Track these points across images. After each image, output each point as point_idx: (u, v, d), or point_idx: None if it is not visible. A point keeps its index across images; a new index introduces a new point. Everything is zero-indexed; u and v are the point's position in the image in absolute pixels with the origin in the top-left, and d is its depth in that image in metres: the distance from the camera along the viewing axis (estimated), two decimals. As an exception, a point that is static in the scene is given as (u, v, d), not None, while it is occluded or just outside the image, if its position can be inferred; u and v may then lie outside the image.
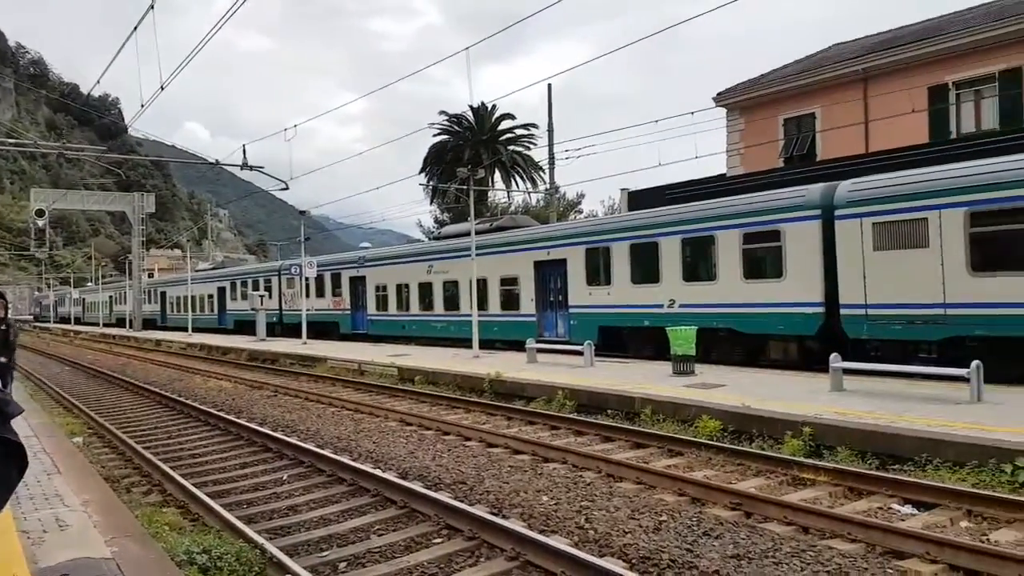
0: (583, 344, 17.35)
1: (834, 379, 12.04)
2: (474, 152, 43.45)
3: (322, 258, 34.92)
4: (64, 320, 79.45)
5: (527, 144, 47.03)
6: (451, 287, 25.90)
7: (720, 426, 10.56)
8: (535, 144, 46.17)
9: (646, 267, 18.82)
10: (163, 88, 17.38)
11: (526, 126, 47.10)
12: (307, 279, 31.69)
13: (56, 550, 4.93)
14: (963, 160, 13.32)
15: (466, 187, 22.39)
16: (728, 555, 5.93)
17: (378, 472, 8.49)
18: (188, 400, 16.14)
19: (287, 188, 22.92)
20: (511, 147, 46.71)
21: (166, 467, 9.28)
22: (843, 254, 14.46)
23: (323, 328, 32.96)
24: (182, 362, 28.25)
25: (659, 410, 11.76)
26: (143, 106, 19.22)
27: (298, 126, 22.32)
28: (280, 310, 37.51)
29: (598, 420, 11.99)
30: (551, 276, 22.09)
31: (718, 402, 11.24)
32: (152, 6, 13.97)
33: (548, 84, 34.43)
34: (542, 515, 7.12)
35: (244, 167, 24.87)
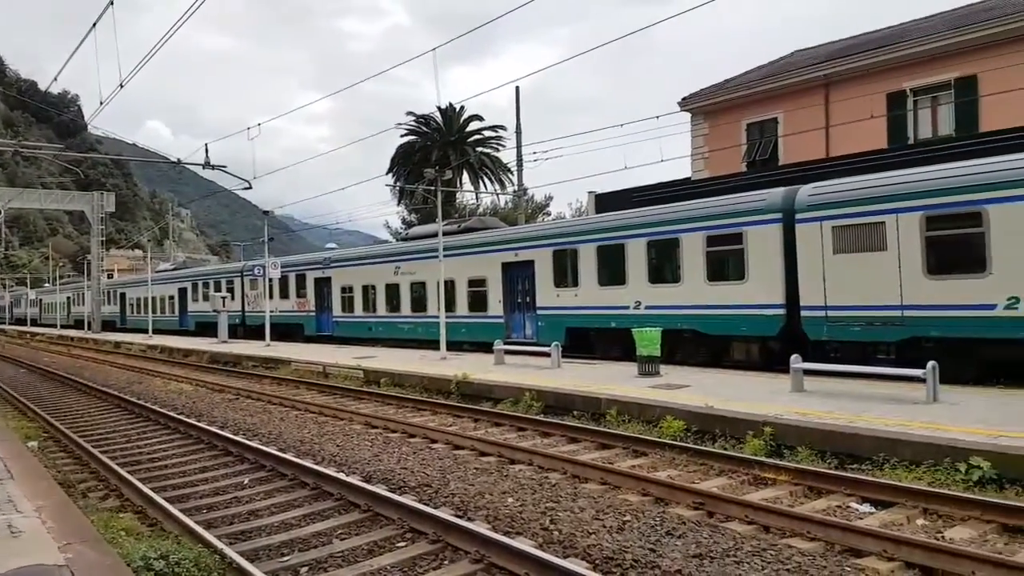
0: (551, 345, 17.41)
1: (795, 380, 12.23)
2: (442, 153, 43.35)
3: (286, 259, 34.54)
4: (20, 321, 77.65)
5: (495, 146, 47.11)
6: (418, 288, 25.79)
7: (684, 426, 10.67)
8: (503, 146, 46.29)
9: (613, 269, 18.95)
10: (122, 86, 17.08)
11: (494, 128, 47.19)
12: (271, 280, 31.31)
13: (7, 557, 4.80)
14: (920, 165, 13.64)
15: (434, 188, 22.32)
16: (690, 554, 5.99)
17: (341, 476, 8.42)
18: (147, 403, 15.84)
19: (250, 187, 22.65)
20: (479, 148, 46.68)
21: (124, 471, 9.09)
22: (803, 257, 14.71)
23: (287, 330, 32.62)
24: (142, 364, 27.72)
25: (625, 411, 11.84)
26: (102, 103, 18.87)
27: (262, 125, 22.08)
28: (243, 312, 37.04)
29: (565, 421, 12.03)
30: (519, 278, 22.12)
31: (682, 403, 11.34)
32: (111, 2, 13.70)
33: (516, 86, 34.48)
34: (507, 517, 7.12)
35: (206, 166, 24.53)
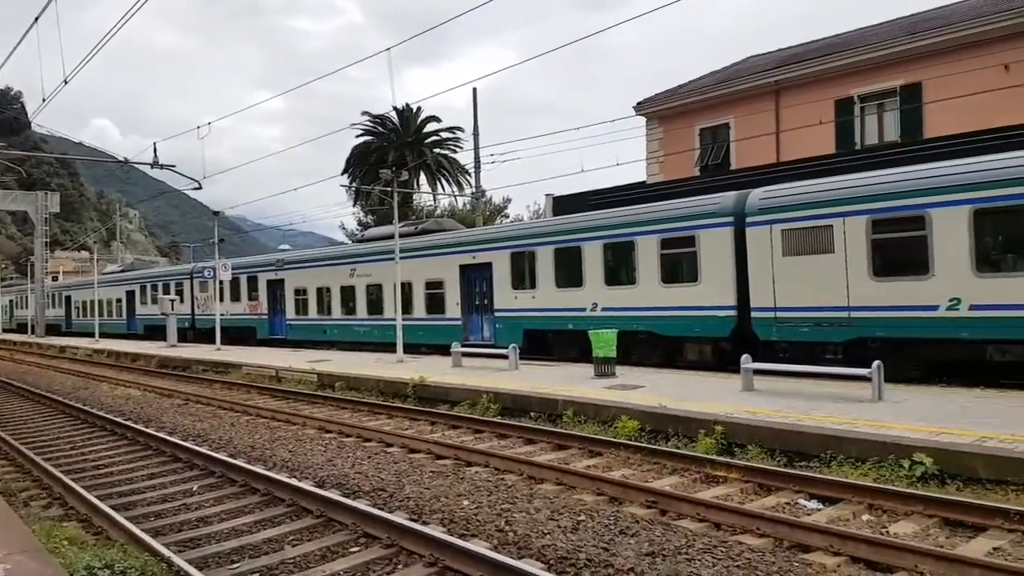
0: (508, 347, 17.44)
1: (745, 379, 12.47)
2: (399, 154, 43.07)
3: (238, 260, 33.95)
4: (-42, 326, 74.78)
5: (453, 147, 46.95)
6: (375, 291, 25.58)
7: (639, 426, 10.78)
8: (461, 147, 46.18)
9: (570, 271, 19.05)
10: (66, 82, 16.66)
11: (451, 129, 47.03)
12: (222, 282, 30.73)
13: (-60, 571, 4.62)
14: (866, 170, 14.02)
15: (390, 189, 22.17)
16: (643, 553, 6.05)
17: (293, 481, 8.30)
18: (93, 409, 15.41)
19: (200, 187, 22.23)
20: (436, 150, 46.49)
21: (68, 479, 8.83)
22: (754, 259, 15.00)
23: (239, 333, 32.03)
24: (88, 369, 26.96)
25: (581, 411, 11.92)
26: (45, 100, 18.36)
27: (212, 124, 21.68)
28: (192, 315, 36.33)
29: (521, 423, 12.07)
30: (477, 280, 22.11)
31: (637, 403, 11.46)
32: (55, -4, 13.33)
33: (473, 88, 34.57)
34: (463, 519, 7.11)
35: (155, 166, 24.05)
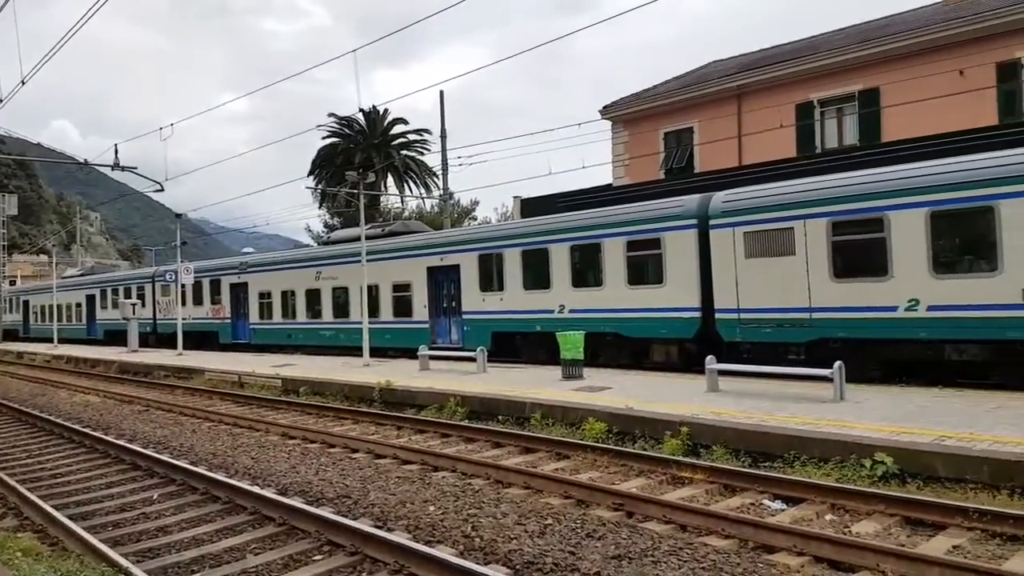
0: (476, 350, 17.39)
1: (710, 380, 12.58)
2: (365, 156, 42.80)
3: (201, 264, 33.44)
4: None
5: (420, 149, 46.78)
6: (341, 294, 25.35)
7: (606, 428, 10.82)
8: (428, 150, 46.01)
9: (537, 273, 19.08)
10: (24, 83, 16.25)
11: (419, 131, 46.85)
12: (183, 286, 30.23)
13: None
14: (826, 173, 14.26)
15: (357, 191, 22.00)
16: (609, 556, 6.05)
17: (255, 489, 8.17)
18: (51, 416, 15.04)
19: (162, 189, 21.87)
20: (404, 152, 46.28)
21: (23, 488, 8.58)
22: (717, 261, 15.16)
23: (202, 338, 31.55)
24: (46, 375, 26.32)
25: (548, 414, 11.92)
26: (2, 101, 17.91)
27: (175, 125, 21.33)
28: (154, 319, 35.70)
29: (489, 426, 12.04)
30: (444, 282, 22.02)
31: (604, 404, 11.49)
32: (9, -7, 13.00)
33: (440, 90, 34.56)
34: (428, 525, 7.05)
35: (116, 167, 23.60)
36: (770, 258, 14.32)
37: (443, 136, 34.05)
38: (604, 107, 28.57)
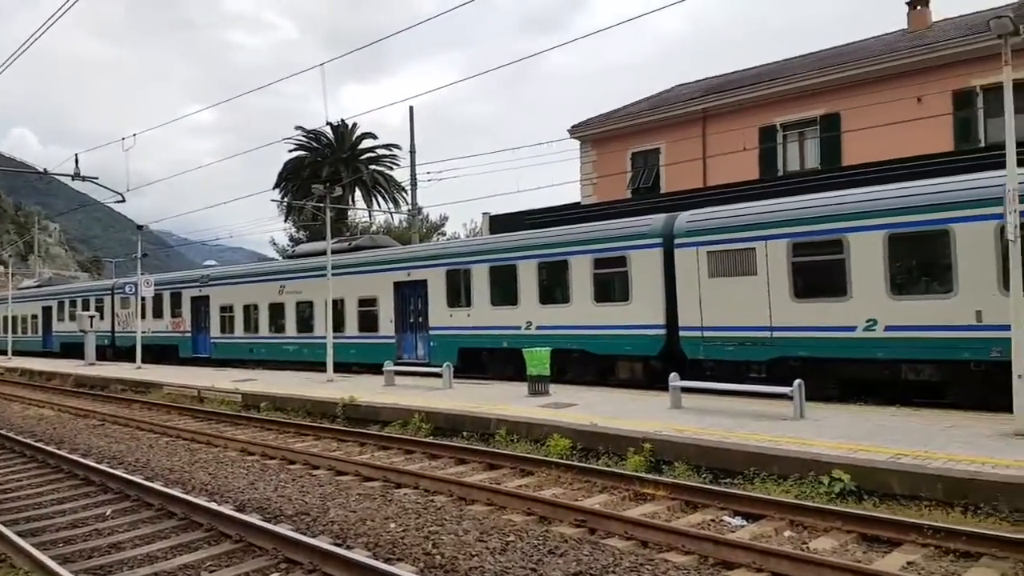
0: (442, 366, 17.31)
1: (673, 397, 12.68)
2: (333, 170, 42.55)
3: (161, 276, 32.91)
4: None
5: (389, 164, 46.64)
6: (305, 308, 25.10)
7: (570, 444, 10.84)
8: (397, 164, 45.90)
9: (505, 289, 19.10)
10: (-20, 88, 15.89)
11: (388, 146, 46.75)
12: (143, 298, 29.70)
13: None
14: (788, 195, 14.53)
15: (323, 205, 21.85)
16: (571, 572, 6.03)
17: (212, 505, 8.00)
18: (2, 430, 14.59)
19: (123, 200, 21.48)
20: (372, 167, 46.11)
21: (-32, 506, 8.32)
22: (682, 280, 15.34)
23: (161, 352, 31.02)
24: (-2, 389, 25.59)
25: (514, 430, 11.90)
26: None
27: (137, 136, 21.01)
28: (112, 332, 35.01)
29: (454, 443, 11.96)
30: (411, 297, 21.93)
31: (569, 421, 11.51)
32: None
33: (410, 106, 34.56)
34: (389, 543, 6.97)
35: (77, 177, 23.16)
36: (733, 277, 14.53)
37: (412, 151, 34.02)
38: (573, 126, 28.84)
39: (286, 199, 44.20)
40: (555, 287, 18.12)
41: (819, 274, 13.59)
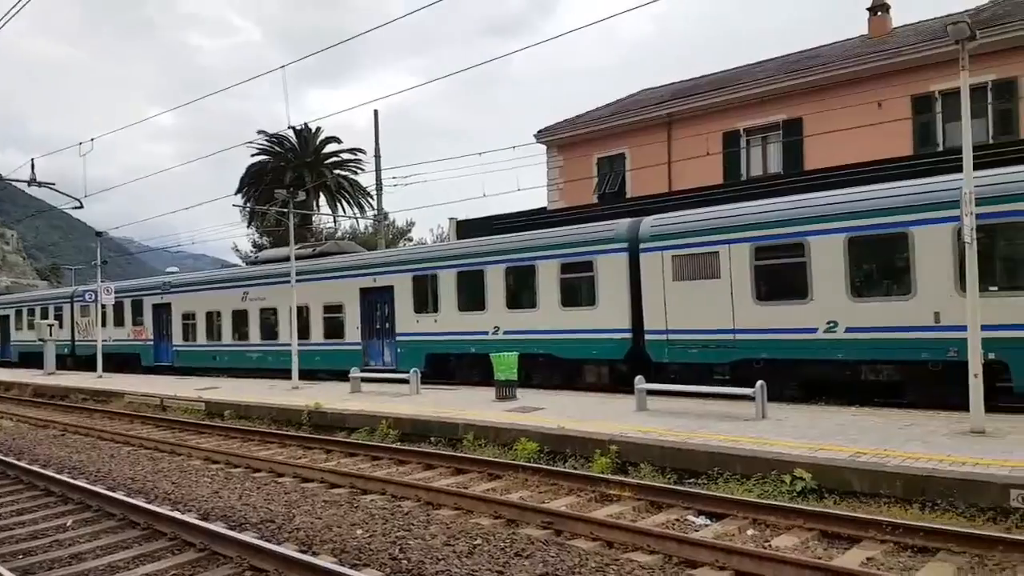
0: (410, 372, 17.26)
1: (639, 400, 12.80)
2: (296, 174, 42.12)
3: (122, 283, 32.35)
4: None
5: (354, 169, 46.29)
6: (269, 315, 24.83)
7: (538, 448, 10.88)
8: (362, 169, 45.55)
9: (472, 295, 19.09)
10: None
11: (353, 150, 46.39)
12: (104, 306, 29.15)
13: None
14: (751, 200, 14.75)
15: (287, 210, 21.65)
16: (537, 574, 6.06)
17: (176, 514, 7.89)
18: (-45, 443, 14.24)
19: (81, 206, 21.06)
20: (337, 171, 45.75)
21: (-80, 520, 8.10)
22: (647, 284, 15.49)
23: (123, 360, 30.46)
24: (-49, 400, 24.88)
25: (481, 435, 11.91)
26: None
27: (95, 140, 20.64)
28: (72, 341, 34.31)
29: (421, 448, 11.93)
30: (378, 303, 21.80)
31: (536, 425, 11.55)
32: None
33: (374, 110, 34.36)
34: (355, 548, 6.93)
35: (33, 183, 22.67)
36: (697, 281, 14.71)
37: (377, 156, 33.77)
38: (539, 131, 28.96)
39: (249, 204, 43.66)
40: (522, 292, 18.17)
41: (781, 277, 13.81)
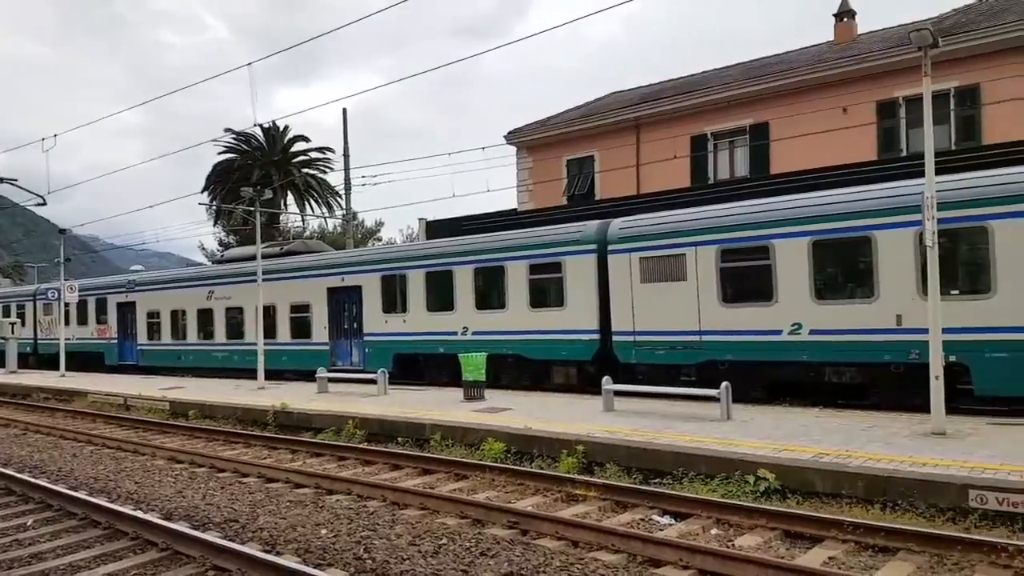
0: (377, 372, 17.17)
1: (606, 401, 12.87)
2: (264, 173, 41.66)
3: (86, 281, 31.75)
4: None
5: (323, 168, 45.91)
6: (235, 314, 24.53)
7: (505, 448, 10.89)
8: (331, 168, 45.20)
9: (441, 295, 19.04)
10: None
11: (321, 149, 46.01)
12: (67, 304, 28.61)
13: None
14: (718, 203, 14.92)
15: (253, 208, 21.41)
16: (502, 573, 6.08)
17: (138, 513, 7.78)
18: (-93, 443, 13.86)
19: (44, 203, 20.62)
20: (305, 170, 45.34)
21: None
22: (615, 285, 15.60)
23: (87, 359, 29.91)
24: (-96, 400, 24.19)
25: (449, 435, 11.89)
26: None
27: (58, 136, 20.23)
28: (35, 339, 33.63)
29: (388, 448, 11.88)
30: (346, 303, 21.65)
31: (503, 425, 11.57)
32: None
33: (343, 108, 34.11)
34: (320, 548, 6.89)
35: (-8, 178, 22.16)
36: (664, 283, 14.84)
37: (346, 155, 33.46)
38: (509, 132, 29.01)
39: (215, 203, 43.09)
40: (491, 293, 18.17)
41: (746, 279, 13.97)
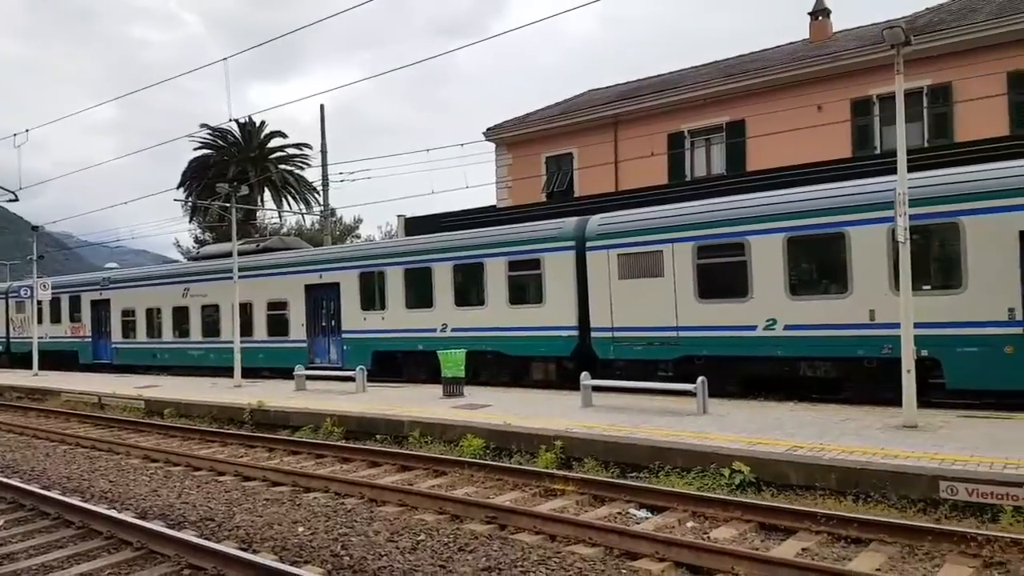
0: (355, 369, 17.11)
1: (584, 396, 12.95)
2: (240, 169, 41.26)
3: (60, 279, 31.31)
4: None
5: (300, 164, 45.55)
6: (211, 312, 24.32)
7: (484, 444, 10.94)
8: (309, 164, 44.85)
9: (420, 292, 19.01)
10: None
11: (298, 145, 45.63)
12: (40, 302, 28.21)
13: None
14: (694, 200, 15.04)
15: (229, 205, 21.22)
16: (480, 568, 6.10)
17: (112, 512, 7.71)
18: None
19: (16, 199, 20.29)
20: (282, 166, 44.96)
21: None
22: (593, 282, 15.67)
23: (60, 358, 29.52)
24: None
25: (427, 432, 11.90)
26: None
27: (30, 132, 19.91)
28: (7, 338, 33.17)
29: (366, 446, 11.85)
30: (324, 300, 21.55)
31: (482, 421, 11.60)
32: None
33: (320, 104, 33.85)
34: (296, 546, 6.87)
35: (-39, 174, 21.78)
36: (641, 279, 14.94)
37: (324, 151, 33.23)
38: (488, 129, 28.99)
39: (191, 199, 42.63)
40: (470, 289, 18.18)
41: (722, 276, 14.10)
